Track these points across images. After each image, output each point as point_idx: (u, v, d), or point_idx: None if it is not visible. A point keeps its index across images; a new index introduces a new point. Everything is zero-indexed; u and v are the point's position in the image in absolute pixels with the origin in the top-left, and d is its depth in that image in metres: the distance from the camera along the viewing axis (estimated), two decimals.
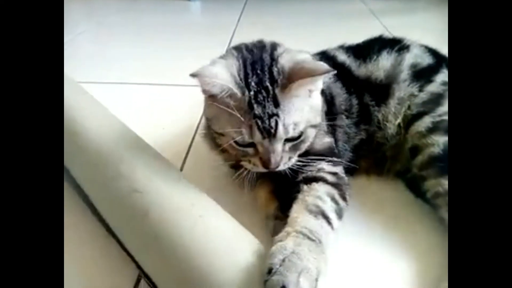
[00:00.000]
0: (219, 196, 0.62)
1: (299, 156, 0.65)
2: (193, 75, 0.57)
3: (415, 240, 0.65)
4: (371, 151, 0.77)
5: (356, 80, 0.76)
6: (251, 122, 0.58)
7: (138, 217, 0.53)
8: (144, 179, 0.59)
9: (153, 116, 1.05)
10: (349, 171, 0.74)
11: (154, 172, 0.62)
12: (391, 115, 0.75)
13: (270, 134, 0.58)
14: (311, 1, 2.25)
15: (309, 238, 0.52)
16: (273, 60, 0.61)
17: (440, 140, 0.66)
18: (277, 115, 0.58)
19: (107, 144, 0.67)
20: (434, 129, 0.68)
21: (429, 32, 1.59)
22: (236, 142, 0.60)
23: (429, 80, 0.75)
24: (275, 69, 0.60)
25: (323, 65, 0.59)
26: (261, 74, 0.60)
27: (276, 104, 0.58)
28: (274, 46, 0.65)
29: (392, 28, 1.70)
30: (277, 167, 0.61)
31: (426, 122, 0.70)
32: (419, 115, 0.72)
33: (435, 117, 0.70)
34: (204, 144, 0.75)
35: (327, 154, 0.68)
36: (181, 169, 0.83)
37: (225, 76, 0.59)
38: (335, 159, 0.67)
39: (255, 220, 0.66)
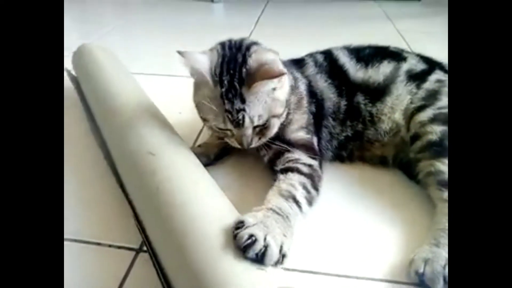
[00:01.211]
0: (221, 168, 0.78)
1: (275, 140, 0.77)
2: (179, 52, 0.69)
3: (406, 213, 0.75)
4: (362, 148, 0.87)
5: (351, 83, 0.86)
6: (223, 114, 0.69)
7: (148, 174, 0.64)
8: (159, 145, 0.70)
9: (172, 102, 1.15)
10: (340, 159, 0.87)
11: (168, 141, 0.73)
12: (387, 109, 0.84)
13: (239, 124, 0.70)
14: (329, 4, 2.32)
15: (277, 213, 0.62)
16: (245, 60, 0.71)
17: (438, 129, 0.75)
18: (243, 110, 0.69)
19: (134, 112, 0.79)
20: (434, 119, 0.77)
21: (442, 37, 1.64)
22: (216, 125, 0.72)
23: (424, 80, 0.85)
24: (243, 70, 0.70)
25: (279, 69, 0.69)
26: (233, 73, 0.70)
27: (243, 101, 0.69)
28: (249, 47, 0.75)
29: (405, 32, 1.76)
30: (250, 146, 0.73)
31: (428, 113, 0.79)
32: (422, 107, 0.81)
33: (435, 109, 0.79)
34: None
35: (301, 147, 0.78)
36: (194, 143, 0.95)
37: (205, 66, 0.70)
38: (311, 154, 0.77)
39: (246, 191, 0.79)
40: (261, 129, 0.74)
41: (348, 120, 0.85)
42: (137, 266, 0.64)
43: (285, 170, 0.73)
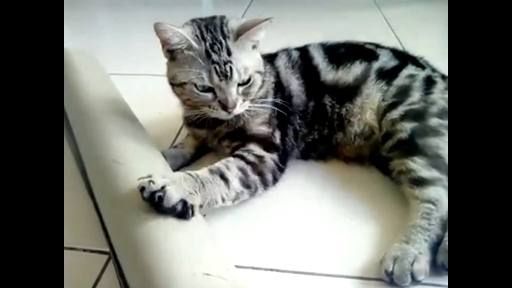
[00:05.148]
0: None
1: (237, 134, 0.78)
2: (157, 24, 0.69)
3: (380, 210, 0.75)
4: (333, 151, 0.87)
5: (321, 84, 0.86)
6: (209, 67, 0.70)
7: (110, 179, 0.66)
8: (126, 154, 0.71)
9: (152, 102, 1.15)
10: (312, 159, 0.88)
11: (136, 150, 0.74)
12: (357, 109, 0.84)
13: (226, 77, 0.71)
14: None
15: (191, 176, 0.64)
16: (223, 23, 0.76)
17: (408, 126, 0.75)
18: (230, 62, 0.71)
19: (105, 118, 0.80)
20: (404, 116, 0.77)
21: (431, 24, 1.61)
22: (197, 88, 0.72)
23: (395, 76, 0.84)
24: (225, 29, 0.74)
25: (261, 19, 0.73)
26: (214, 32, 0.74)
27: (229, 53, 0.71)
28: (223, 17, 0.78)
29: (392, 19, 1.73)
30: (234, 107, 0.73)
31: (399, 110, 0.79)
32: (393, 105, 0.81)
33: (405, 106, 0.79)
34: None
35: (260, 140, 0.78)
36: (173, 144, 0.95)
37: (182, 31, 0.71)
38: (269, 147, 0.78)
39: None
40: (245, 88, 0.75)
41: (315, 124, 0.85)
42: (110, 269, 0.65)
43: (232, 155, 0.75)
